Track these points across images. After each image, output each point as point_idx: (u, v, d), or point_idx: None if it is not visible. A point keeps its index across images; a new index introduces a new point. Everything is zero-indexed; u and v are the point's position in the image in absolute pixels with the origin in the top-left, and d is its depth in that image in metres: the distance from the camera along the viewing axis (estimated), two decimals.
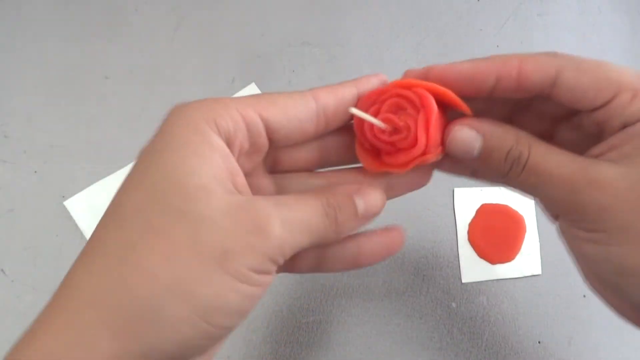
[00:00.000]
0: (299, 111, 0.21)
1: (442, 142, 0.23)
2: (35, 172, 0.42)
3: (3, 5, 0.48)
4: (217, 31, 0.48)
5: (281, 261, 0.19)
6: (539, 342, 0.39)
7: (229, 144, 0.20)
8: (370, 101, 0.23)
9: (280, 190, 0.24)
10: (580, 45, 0.48)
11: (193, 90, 0.45)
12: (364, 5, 0.49)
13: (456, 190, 0.42)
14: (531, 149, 0.21)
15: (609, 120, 0.20)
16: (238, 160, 0.20)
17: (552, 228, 0.25)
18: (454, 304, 0.39)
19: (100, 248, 0.18)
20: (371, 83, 0.24)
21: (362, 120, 0.23)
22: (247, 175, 0.21)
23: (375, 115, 0.22)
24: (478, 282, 0.40)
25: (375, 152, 0.23)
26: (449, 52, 0.47)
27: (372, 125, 0.22)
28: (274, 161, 0.24)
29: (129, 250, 0.17)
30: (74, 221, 0.40)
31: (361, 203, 0.22)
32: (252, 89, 0.45)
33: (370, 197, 0.22)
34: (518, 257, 0.41)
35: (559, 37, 0.48)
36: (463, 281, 0.40)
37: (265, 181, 0.24)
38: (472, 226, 0.41)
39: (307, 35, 0.48)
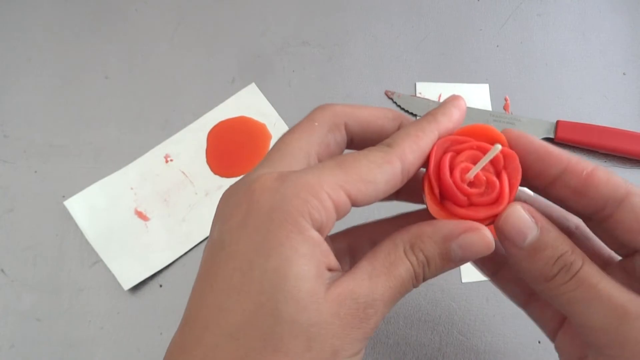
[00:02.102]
0: (385, 181, 0.20)
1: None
2: (35, 172, 0.42)
3: (3, 6, 0.48)
4: (217, 31, 0.48)
5: (368, 337, 0.19)
6: (539, 342, 0.39)
7: (321, 232, 0.19)
8: (444, 147, 0.21)
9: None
10: (580, 45, 0.48)
11: (193, 90, 0.45)
12: (364, 5, 0.49)
13: None
14: (585, 262, 0.19)
15: None
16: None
17: None
18: (454, 304, 0.39)
19: None
20: (453, 120, 0.21)
21: (439, 163, 0.21)
22: None
23: (452, 163, 0.21)
24: (478, 282, 0.40)
25: (438, 198, 0.21)
26: (449, 52, 0.47)
27: (452, 170, 0.21)
28: None
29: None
30: (74, 221, 0.40)
31: (458, 249, 0.20)
32: (252, 89, 0.45)
33: (471, 237, 0.19)
34: None
35: (559, 37, 0.48)
36: (463, 281, 0.40)
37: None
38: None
39: (307, 35, 0.48)
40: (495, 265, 0.26)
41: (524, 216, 0.20)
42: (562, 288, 0.20)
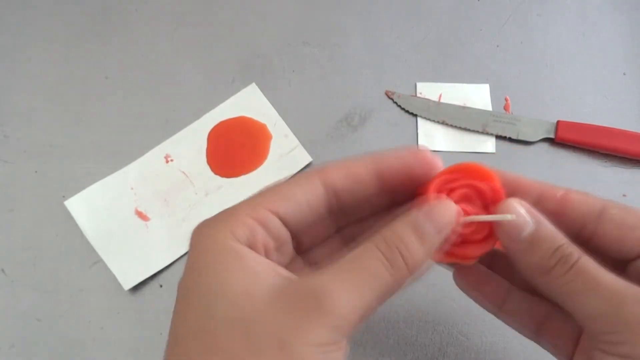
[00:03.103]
0: (307, 198, 0.21)
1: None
2: (35, 172, 0.42)
3: (3, 6, 0.48)
4: (217, 31, 0.48)
5: (349, 328, 0.18)
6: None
7: (252, 246, 0.20)
8: (439, 190, 0.22)
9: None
10: (580, 45, 0.48)
11: (193, 91, 0.45)
12: (364, 5, 0.49)
13: None
14: (581, 254, 0.20)
15: None
16: (271, 257, 0.21)
17: None
18: (454, 304, 0.39)
19: None
20: (393, 165, 0.22)
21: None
22: (288, 268, 0.21)
23: None
24: None
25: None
26: (449, 52, 0.47)
27: None
28: (309, 247, 0.24)
29: None
30: (74, 221, 0.40)
31: (425, 221, 0.20)
32: (252, 89, 0.45)
33: (435, 209, 0.20)
34: None
35: (559, 37, 0.48)
36: None
37: (306, 270, 0.23)
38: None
39: (307, 35, 0.48)
40: (499, 296, 0.26)
41: (518, 210, 0.20)
42: (562, 279, 0.20)
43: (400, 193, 0.23)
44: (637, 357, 0.19)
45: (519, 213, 0.20)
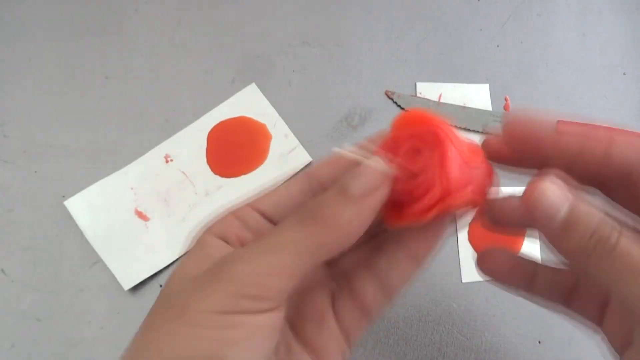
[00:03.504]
0: (290, 191, 0.23)
1: (479, 191, 0.20)
2: (35, 172, 0.42)
3: (3, 6, 0.48)
4: (217, 31, 0.48)
5: (263, 293, 0.18)
6: (539, 342, 0.39)
7: (225, 239, 0.22)
8: (387, 150, 0.20)
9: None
10: (580, 45, 0.48)
11: (193, 91, 0.45)
12: (363, 5, 0.49)
13: None
14: (622, 233, 0.18)
15: None
16: None
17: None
18: (454, 304, 0.39)
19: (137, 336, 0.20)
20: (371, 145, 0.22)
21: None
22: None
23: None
24: (478, 282, 0.40)
25: (399, 207, 0.20)
26: (449, 52, 0.47)
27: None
28: None
29: (143, 332, 0.19)
30: (74, 221, 0.40)
31: (349, 180, 0.19)
32: (252, 89, 0.45)
33: (360, 168, 0.19)
34: None
35: (559, 37, 0.48)
36: (463, 281, 0.40)
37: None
38: (472, 226, 0.41)
39: (307, 35, 0.48)
40: (527, 277, 0.25)
41: (554, 194, 0.19)
42: (603, 265, 0.19)
43: None
44: None
45: (555, 197, 0.19)
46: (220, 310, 0.18)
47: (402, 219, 0.20)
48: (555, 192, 0.19)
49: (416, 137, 0.20)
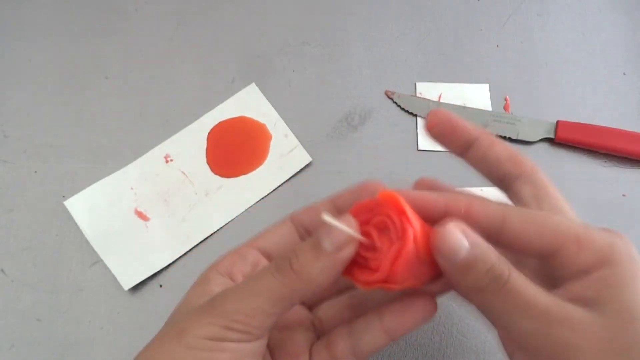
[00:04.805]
0: (282, 233, 0.27)
1: (420, 282, 0.22)
2: (35, 172, 0.42)
3: (3, 5, 0.48)
4: (217, 31, 0.48)
5: (246, 326, 0.21)
6: None
7: (230, 274, 0.25)
8: (363, 213, 0.23)
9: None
10: (580, 45, 0.48)
11: (193, 90, 0.45)
12: (364, 5, 0.49)
13: None
14: (511, 271, 0.21)
15: (560, 268, 0.21)
16: None
17: None
18: (454, 304, 0.39)
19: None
20: (347, 200, 0.26)
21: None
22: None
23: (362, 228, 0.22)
24: None
25: (354, 266, 0.23)
26: (449, 52, 0.47)
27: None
28: None
29: (147, 349, 0.24)
30: (74, 221, 0.40)
31: (322, 235, 0.21)
32: (252, 89, 0.45)
33: (335, 226, 0.21)
34: None
35: (559, 37, 0.48)
36: None
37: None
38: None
39: (307, 35, 0.48)
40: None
41: (455, 236, 0.21)
42: (494, 297, 0.21)
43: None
44: None
45: (455, 239, 0.21)
46: (212, 337, 0.21)
47: (353, 278, 0.23)
48: (456, 235, 0.21)
49: (389, 219, 0.22)
